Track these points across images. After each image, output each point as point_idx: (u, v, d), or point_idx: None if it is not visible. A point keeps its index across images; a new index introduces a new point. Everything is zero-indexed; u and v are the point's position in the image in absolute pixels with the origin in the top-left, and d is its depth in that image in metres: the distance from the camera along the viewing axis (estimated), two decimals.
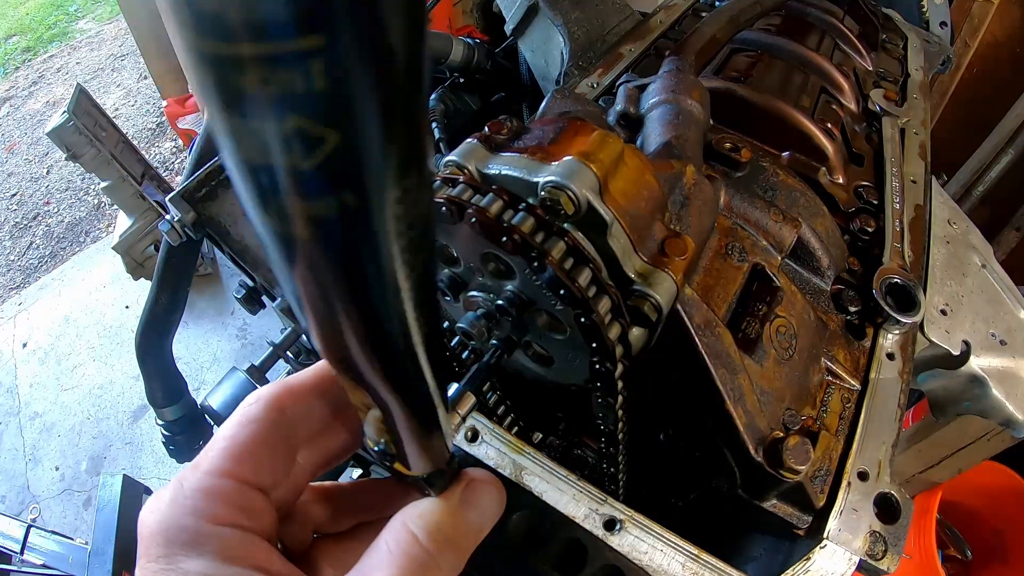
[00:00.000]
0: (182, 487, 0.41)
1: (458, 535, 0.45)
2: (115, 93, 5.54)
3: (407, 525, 0.44)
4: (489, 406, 0.85)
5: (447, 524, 0.45)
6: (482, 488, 0.48)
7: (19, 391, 3.47)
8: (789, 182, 0.89)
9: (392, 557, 0.42)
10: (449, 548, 0.44)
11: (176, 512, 0.39)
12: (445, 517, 0.45)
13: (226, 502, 0.41)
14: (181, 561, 0.38)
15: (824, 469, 0.73)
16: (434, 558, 0.43)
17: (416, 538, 0.43)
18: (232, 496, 0.41)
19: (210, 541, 0.39)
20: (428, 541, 0.43)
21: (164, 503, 0.40)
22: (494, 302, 0.60)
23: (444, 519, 0.45)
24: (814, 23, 1.27)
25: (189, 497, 0.40)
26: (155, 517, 0.40)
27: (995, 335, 0.99)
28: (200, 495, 0.40)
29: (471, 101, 1.74)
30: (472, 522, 0.46)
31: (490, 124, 0.63)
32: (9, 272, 4.24)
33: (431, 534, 0.43)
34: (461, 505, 0.46)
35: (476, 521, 0.47)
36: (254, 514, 0.42)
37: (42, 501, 3.07)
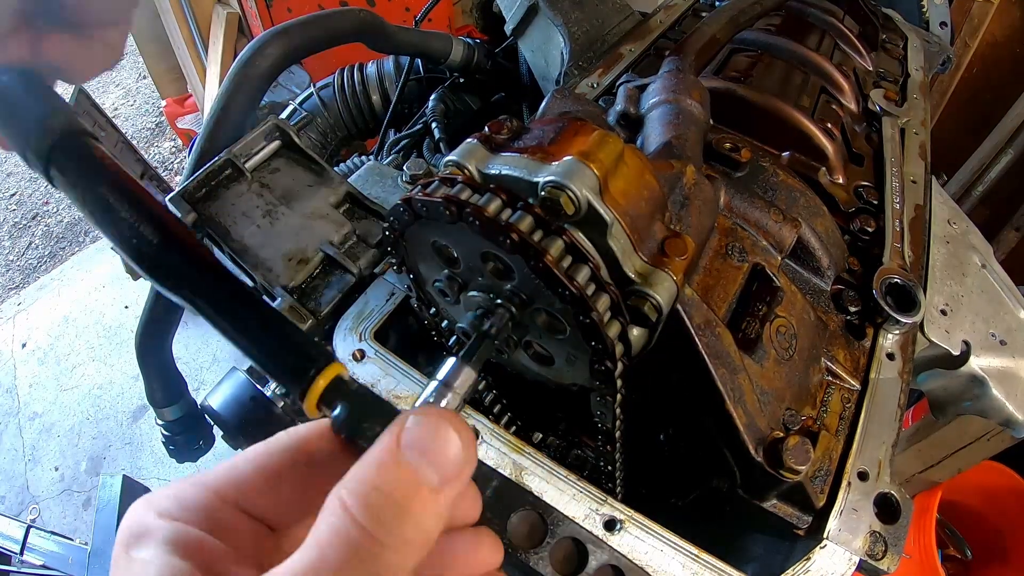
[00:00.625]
0: (160, 491, 0.39)
1: (401, 494, 0.33)
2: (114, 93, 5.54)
3: (338, 493, 0.33)
4: (488, 406, 0.85)
5: (382, 480, 0.33)
6: (428, 423, 0.35)
7: (18, 391, 3.47)
8: (789, 182, 0.89)
9: (319, 542, 0.32)
10: (393, 515, 0.32)
11: (142, 511, 0.38)
12: (378, 471, 0.33)
13: (195, 509, 0.37)
14: (132, 550, 0.36)
15: (824, 469, 0.73)
16: (373, 533, 0.31)
17: (346, 507, 0.32)
18: (204, 505, 0.38)
19: (161, 531, 0.36)
20: (361, 510, 0.32)
21: (139, 504, 0.39)
22: (494, 302, 0.60)
23: (376, 474, 0.33)
24: (814, 23, 1.28)
25: (161, 499, 0.38)
26: (127, 516, 0.39)
27: (995, 335, 0.99)
28: (171, 499, 0.38)
29: (471, 101, 1.74)
30: (420, 472, 0.33)
31: (490, 124, 0.63)
32: (8, 272, 4.23)
33: (364, 498, 0.32)
34: (402, 451, 0.34)
35: (427, 471, 0.34)
36: (226, 527, 0.37)
37: (42, 501, 3.07)
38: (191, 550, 0.35)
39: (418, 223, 0.60)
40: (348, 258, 0.89)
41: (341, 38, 1.21)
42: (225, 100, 1.05)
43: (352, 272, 0.88)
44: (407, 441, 0.34)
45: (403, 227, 0.62)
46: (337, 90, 1.79)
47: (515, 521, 0.69)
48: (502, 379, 0.82)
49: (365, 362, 0.78)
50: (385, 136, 1.76)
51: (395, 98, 1.73)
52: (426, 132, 1.66)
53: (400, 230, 0.63)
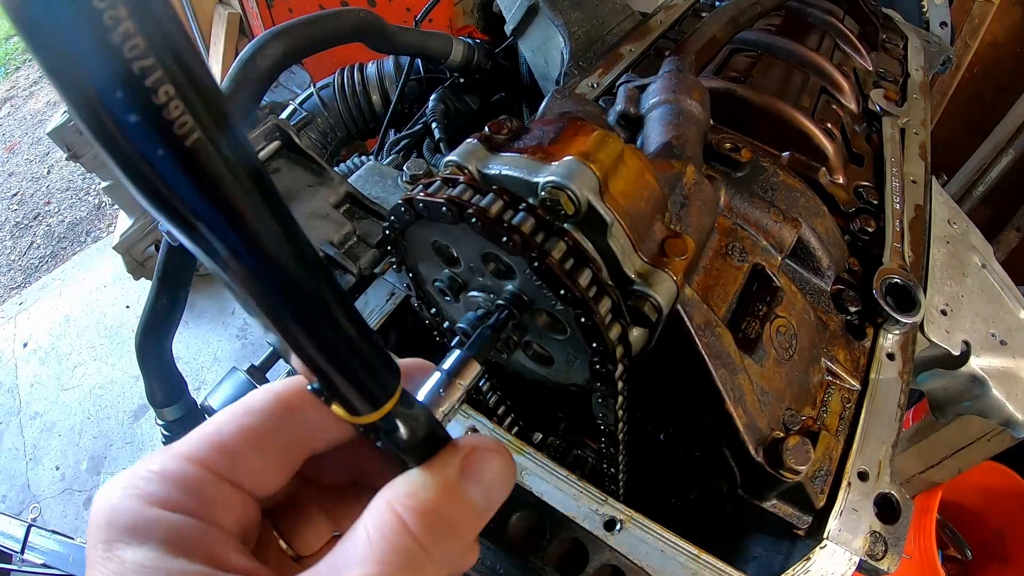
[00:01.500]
0: (141, 468, 0.35)
1: (458, 518, 0.36)
2: None
3: (392, 506, 0.35)
4: (489, 406, 0.85)
5: (444, 504, 0.36)
6: (487, 457, 0.38)
7: (20, 391, 3.47)
8: (789, 182, 0.89)
9: (374, 548, 0.34)
10: (446, 535, 0.35)
11: (125, 494, 0.34)
12: (441, 495, 0.36)
13: (185, 489, 0.35)
14: (119, 548, 0.32)
15: (824, 469, 0.73)
16: (427, 548, 0.34)
17: (404, 523, 0.34)
18: (195, 484, 0.35)
19: (155, 527, 0.33)
20: (419, 526, 0.34)
21: (118, 484, 0.35)
22: (494, 302, 0.60)
23: (440, 498, 0.36)
24: (814, 23, 1.28)
25: (144, 479, 0.35)
26: (104, 499, 0.34)
27: (995, 335, 0.99)
28: (157, 478, 0.35)
29: (471, 101, 1.74)
30: (475, 501, 0.37)
31: (490, 124, 0.63)
32: (10, 272, 4.23)
33: (423, 517, 0.35)
34: (461, 479, 0.37)
35: (480, 500, 0.37)
36: (218, 506, 0.36)
37: (42, 500, 3.07)
38: (189, 545, 0.33)
39: (419, 223, 0.60)
40: (348, 258, 0.89)
41: (341, 38, 1.22)
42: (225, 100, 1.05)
43: (352, 272, 0.88)
44: (468, 472, 0.38)
45: (404, 227, 0.62)
46: (337, 90, 1.79)
47: (515, 521, 0.69)
48: (502, 379, 0.82)
49: None
50: (385, 136, 1.76)
51: (395, 98, 1.73)
52: (426, 132, 1.66)
53: (400, 230, 0.63)
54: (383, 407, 0.35)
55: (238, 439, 0.38)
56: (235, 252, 0.26)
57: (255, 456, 0.38)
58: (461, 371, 0.45)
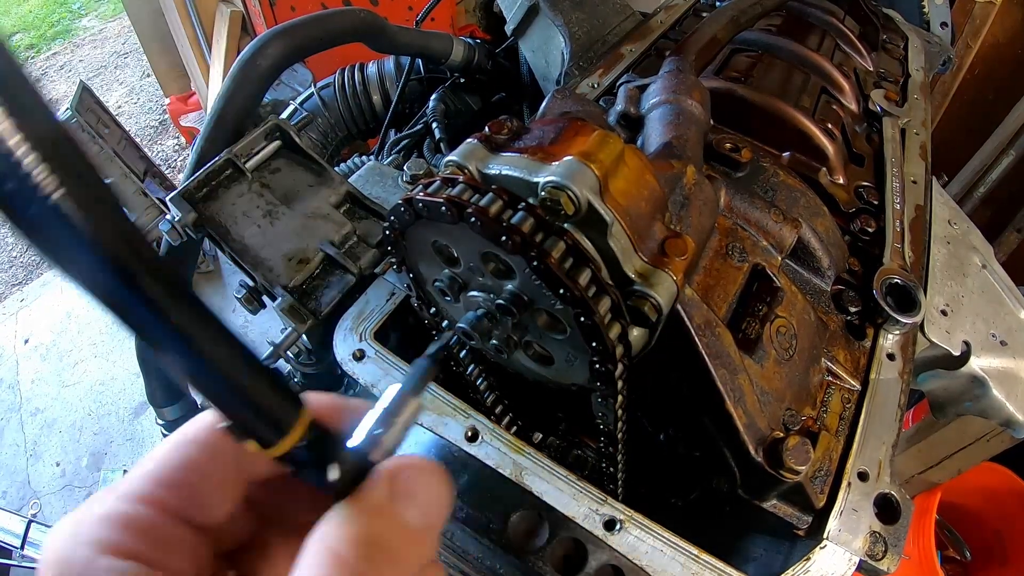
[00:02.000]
0: (89, 512, 0.34)
1: (396, 542, 0.35)
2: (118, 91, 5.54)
3: (325, 543, 0.33)
4: (489, 406, 0.85)
5: (378, 530, 0.34)
6: (415, 475, 0.37)
7: (21, 387, 3.48)
8: (789, 182, 0.89)
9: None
10: (386, 561, 0.34)
11: (72, 542, 0.33)
12: (373, 522, 0.34)
13: (135, 532, 0.34)
14: None
15: (824, 469, 0.73)
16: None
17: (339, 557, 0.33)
18: (145, 526, 0.34)
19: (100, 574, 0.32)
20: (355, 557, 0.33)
21: (65, 531, 0.34)
22: (494, 302, 0.60)
23: (371, 524, 0.34)
24: (815, 23, 1.27)
25: (93, 523, 0.34)
26: (52, 549, 0.33)
27: (995, 335, 0.99)
28: (105, 522, 0.34)
29: (472, 101, 1.74)
30: (411, 521, 0.35)
31: (490, 124, 0.63)
32: (12, 268, 4.24)
33: (357, 548, 0.33)
34: (391, 502, 0.36)
35: (417, 519, 0.36)
36: (171, 548, 0.35)
37: (43, 497, 3.08)
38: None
39: (419, 223, 0.60)
40: (348, 258, 0.89)
41: (342, 38, 1.22)
42: (226, 100, 1.05)
43: (352, 272, 0.88)
44: (398, 493, 0.36)
45: (404, 227, 0.62)
46: (338, 90, 1.79)
47: (515, 521, 0.69)
48: (502, 379, 0.82)
49: (365, 362, 0.78)
50: (385, 136, 1.76)
51: (396, 98, 1.73)
52: (426, 132, 1.66)
53: (401, 230, 0.63)
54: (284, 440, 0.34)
55: (182, 472, 0.37)
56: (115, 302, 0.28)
57: (200, 486, 0.37)
58: (399, 409, 0.42)
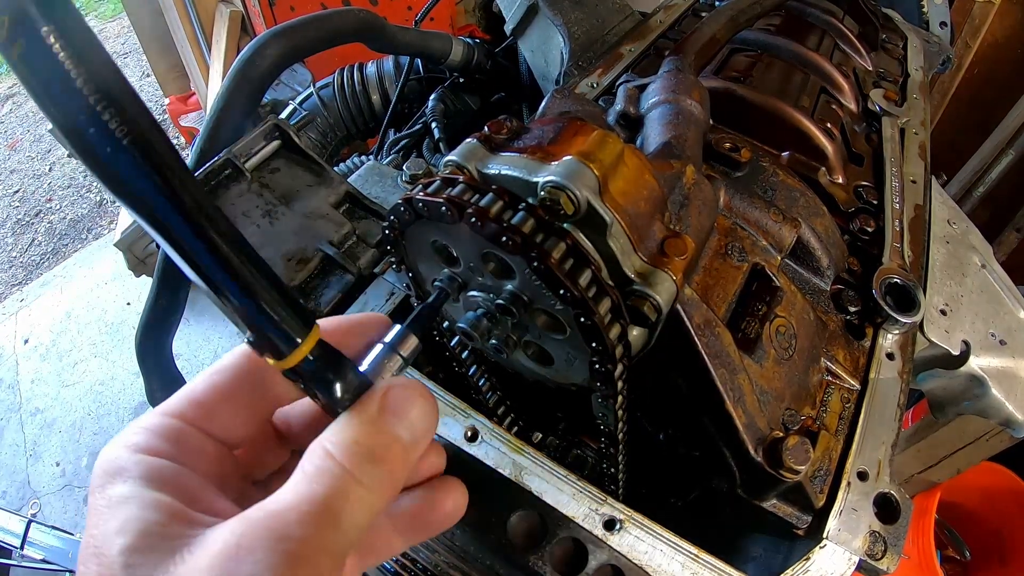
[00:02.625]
0: (131, 426, 0.42)
1: (381, 447, 0.41)
2: None
3: (322, 444, 0.40)
4: (489, 406, 0.85)
5: (366, 435, 0.41)
6: (403, 394, 0.44)
7: (20, 387, 3.48)
8: (789, 182, 0.90)
9: (305, 477, 0.39)
10: (371, 462, 0.40)
11: (116, 447, 0.41)
12: (362, 428, 0.41)
13: (164, 438, 0.41)
14: (108, 487, 0.39)
15: (824, 469, 0.73)
16: (354, 474, 0.39)
17: (331, 455, 0.40)
18: (172, 434, 0.42)
19: (136, 467, 0.39)
20: (344, 455, 0.39)
21: (112, 443, 0.42)
22: (494, 302, 0.60)
23: (361, 430, 0.41)
24: (814, 23, 1.27)
25: (132, 433, 0.42)
26: (101, 455, 0.41)
27: (995, 335, 0.99)
28: (141, 431, 0.42)
29: (471, 101, 1.74)
30: (397, 432, 0.42)
31: (490, 124, 0.63)
32: (11, 268, 4.24)
33: (347, 448, 0.40)
34: (380, 414, 0.42)
35: (403, 432, 0.42)
36: (194, 453, 0.42)
37: (43, 497, 3.08)
38: (164, 480, 0.40)
39: (418, 223, 0.60)
40: (348, 258, 0.89)
41: (341, 38, 1.22)
42: (225, 100, 1.05)
43: (352, 272, 0.88)
44: (388, 406, 0.43)
45: (403, 227, 0.62)
46: (337, 90, 1.79)
47: (515, 521, 0.69)
48: (502, 379, 0.82)
49: None
50: (385, 136, 1.76)
51: (395, 98, 1.73)
52: (426, 132, 1.66)
53: (400, 230, 0.63)
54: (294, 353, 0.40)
55: (209, 394, 0.45)
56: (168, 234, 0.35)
57: (225, 407, 0.45)
58: (401, 344, 0.49)
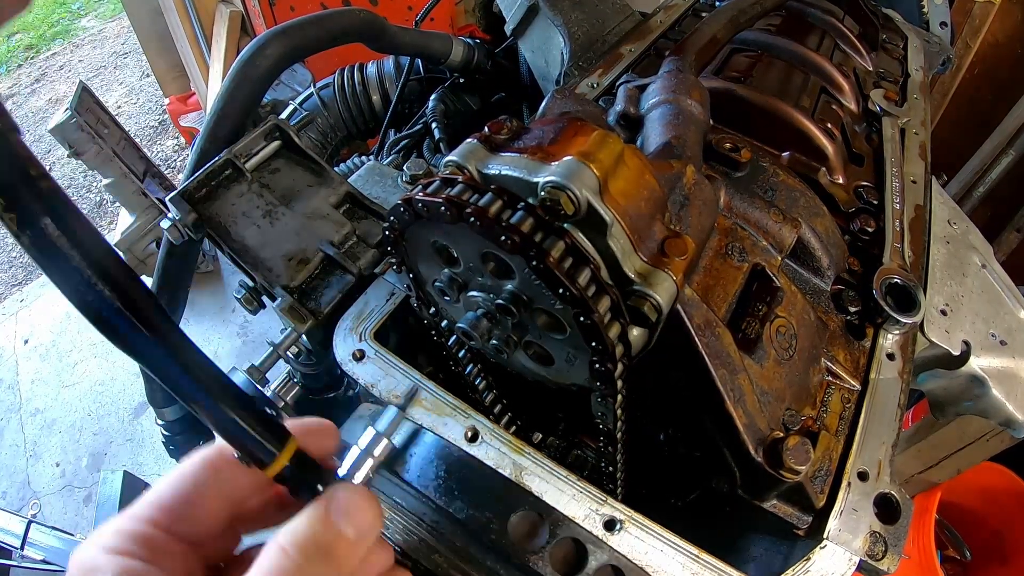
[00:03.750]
0: (103, 530, 0.46)
1: (329, 544, 0.46)
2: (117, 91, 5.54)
3: (277, 542, 0.45)
4: (488, 406, 0.85)
5: (315, 532, 0.46)
6: (348, 496, 0.49)
7: (20, 387, 3.48)
8: (789, 182, 0.89)
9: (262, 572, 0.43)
10: (320, 556, 0.45)
11: (91, 550, 0.45)
12: (312, 526, 0.46)
13: (135, 541, 0.45)
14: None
15: (824, 469, 0.73)
16: (304, 568, 0.44)
17: (284, 551, 0.44)
18: (143, 537, 0.46)
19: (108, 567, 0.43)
20: (296, 551, 0.44)
21: (87, 544, 0.46)
22: (494, 302, 0.60)
23: (310, 527, 0.46)
24: (814, 23, 1.27)
25: (105, 536, 0.46)
26: (76, 556, 0.45)
27: (995, 335, 0.99)
28: (114, 535, 0.46)
29: (471, 101, 1.74)
30: (343, 530, 0.47)
31: (490, 124, 0.63)
32: (11, 269, 4.24)
33: (299, 544, 0.45)
34: (328, 514, 0.47)
35: (348, 530, 0.47)
36: (163, 555, 0.46)
37: (43, 497, 3.08)
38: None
39: (418, 223, 0.60)
40: (348, 258, 0.89)
41: (341, 38, 1.21)
42: (225, 100, 1.05)
43: (352, 272, 0.88)
44: (334, 508, 0.47)
45: (403, 227, 0.62)
46: (337, 90, 1.79)
47: (515, 521, 0.69)
48: (502, 379, 0.82)
49: (365, 362, 0.78)
50: (385, 136, 1.76)
51: (395, 98, 1.73)
52: (426, 132, 1.66)
53: (400, 230, 0.63)
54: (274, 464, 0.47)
55: (174, 498, 0.49)
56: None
57: (189, 509, 0.49)
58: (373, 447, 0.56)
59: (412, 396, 0.73)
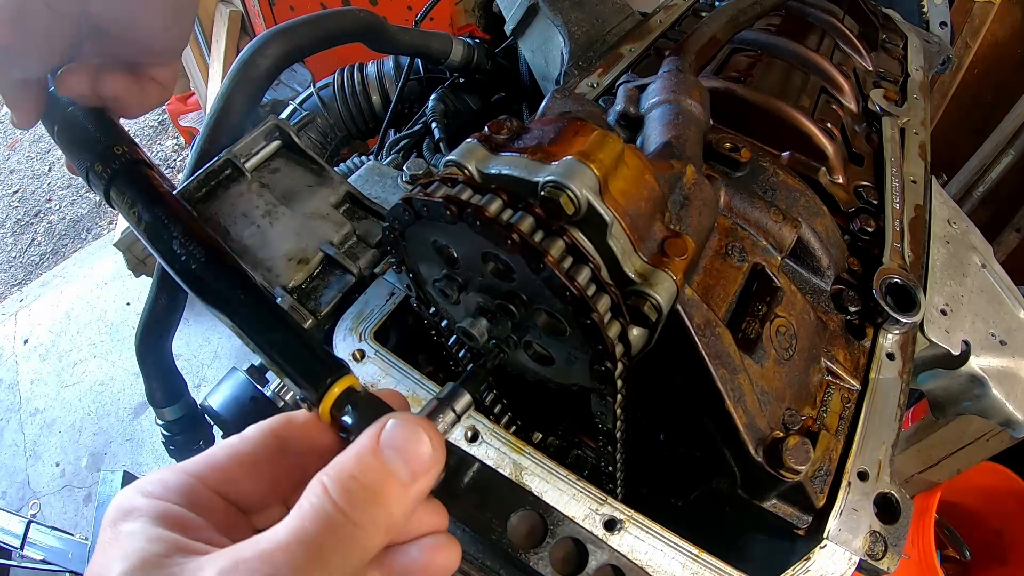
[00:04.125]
0: (146, 477, 0.44)
1: (376, 483, 0.38)
2: None
3: (320, 478, 0.38)
4: (488, 405, 0.85)
5: (360, 470, 0.38)
6: (403, 428, 0.40)
7: (20, 387, 3.48)
8: (789, 182, 0.89)
9: (300, 513, 0.37)
10: (366, 499, 0.37)
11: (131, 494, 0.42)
12: (356, 462, 0.39)
13: (176, 491, 0.42)
14: (119, 525, 0.40)
15: (824, 469, 0.73)
16: (346, 512, 0.36)
17: (326, 490, 0.37)
18: (185, 488, 0.42)
19: (148, 509, 0.40)
20: (339, 492, 0.37)
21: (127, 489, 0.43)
22: (494, 302, 0.60)
23: (355, 464, 0.38)
24: (814, 23, 1.27)
25: (146, 483, 0.43)
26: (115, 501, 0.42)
27: (995, 335, 0.99)
28: (156, 482, 0.43)
29: (471, 101, 1.74)
30: (393, 467, 0.39)
31: (490, 124, 0.63)
32: (11, 269, 4.24)
33: (342, 483, 0.37)
34: (376, 448, 0.39)
35: (399, 467, 0.39)
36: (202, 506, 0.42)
37: (42, 497, 3.08)
38: (172, 521, 0.40)
39: (418, 223, 0.60)
40: (348, 258, 0.89)
41: (341, 38, 1.21)
42: (225, 100, 1.05)
43: (352, 272, 0.88)
44: (385, 440, 0.40)
45: (403, 227, 0.62)
46: (337, 90, 1.79)
47: (515, 521, 0.69)
48: (502, 379, 0.82)
49: (365, 362, 0.78)
50: (385, 136, 1.76)
51: (395, 98, 1.73)
52: (426, 132, 1.66)
53: (400, 230, 0.63)
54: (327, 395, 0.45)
55: (228, 462, 0.45)
56: None
57: (243, 474, 0.45)
58: (453, 399, 0.51)
59: None
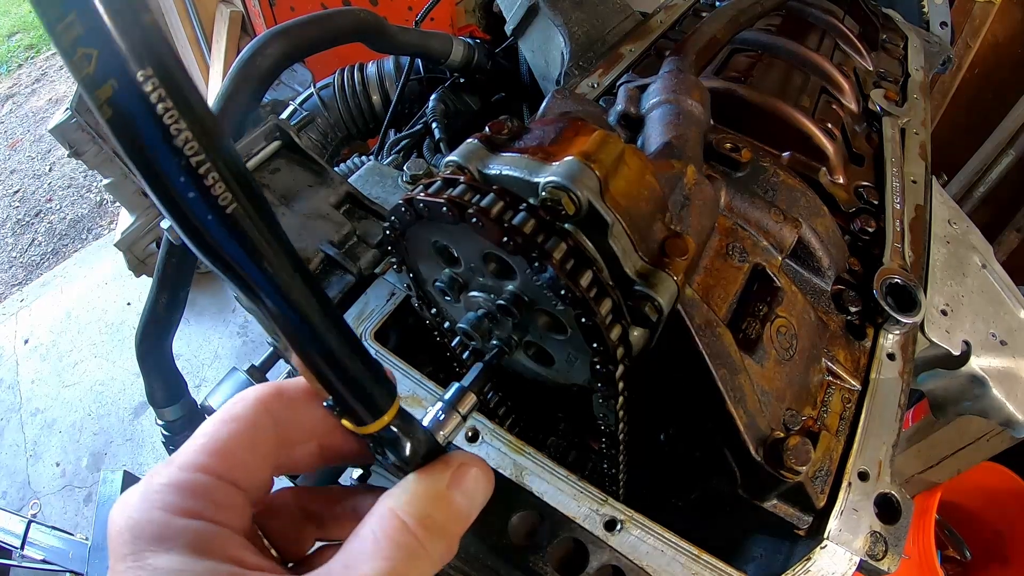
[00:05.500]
0: (152, 482, 0.39)
1: (448, 521, 0.44)
2: None
3: (395, 512, 0.42)
4: (489, 406, 0.85)
5: (437, 510, 0.43)
6: (472, 472, 0.46)
7: (20, 387, 3.48)
8: (789, 182, 0.89)
9: (380, 546, 0.40)
10: (439, 535, 0.42)
11: (145, 507, 0.38)
12: (434, 503, 0.44)
13: (197, 495, 0.39)
14: (149, 557, 0.36)
15: (824, 469, 0.73)
16: (424, 545, 0.41)
17: (405, 525, 0.41)
18: (204, 490, 0.40)
19: (180, 535, 0.37)
20: (418, 528, 0.41)
21: (133, 499, 0.38)
22: (495, 302, 0.60)
23: (433, 505, 0.44)
24: (814, 23, 1.27)
25: (159, 491, 0.39)
26: (123, 514, 0.38)
27: (995, 335, 0.99)
28: (170, 489, 0.39)
29: (471, 101, 1.74)
30: (461, 507, 0.45)
31: (491, 124, 0.63)
32: (11, 268, 4.24)
33: (420, 520, 0.42)
34: (450, 489, 0.45)
35: (465, 507, 0.45)
36: (227, 508, 0.40)
37: (43, 497, 3.08)
38: (211, 548, 0.38)
39: (419, 223, 0.60)
40: (348, 258, 0.89)
41: (341, 38, 1.21)
42: (225, 100, 1.05)
43: (352, 272, 0.88)
44: (456, 483, 0.45)
45: (404, 227, 0.62)
46: (337, 90, 1.79)
47: (515, 521, 0.69)
48: (503, 380, 0.82)
49: None
50: (385, 136, 1.76)
51: (395, 98, 1.73)
52: (426, 132, 1.66)
53: (401, 230, 0.63)
54: (380, 420, 0.43)
55: (230, 442, 0.43)
56: (274, 304, 0.36)
57: (246, 455, 0.43)
58: (459, 401, 0.52)
59: None
